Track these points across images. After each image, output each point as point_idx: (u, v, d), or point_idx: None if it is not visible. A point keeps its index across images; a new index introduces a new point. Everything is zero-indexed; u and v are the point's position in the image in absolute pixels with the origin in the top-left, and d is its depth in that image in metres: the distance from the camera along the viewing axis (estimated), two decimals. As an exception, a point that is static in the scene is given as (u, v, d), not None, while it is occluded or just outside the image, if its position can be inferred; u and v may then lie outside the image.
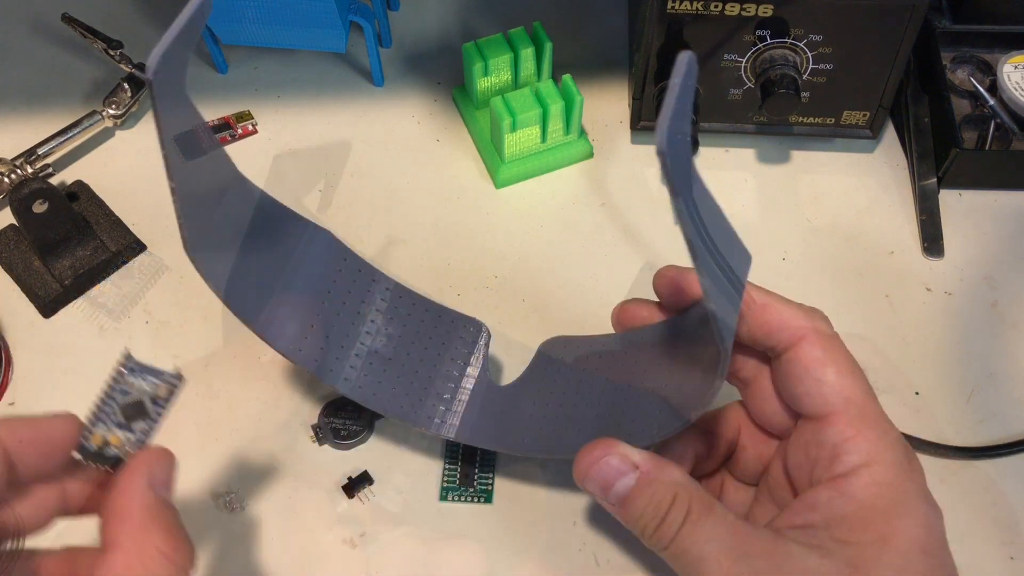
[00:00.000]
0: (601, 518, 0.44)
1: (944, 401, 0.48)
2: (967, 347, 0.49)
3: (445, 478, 0.45)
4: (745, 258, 0.35)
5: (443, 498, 0.45)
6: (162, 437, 0.47)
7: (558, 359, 0.44)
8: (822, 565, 0.33)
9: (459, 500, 0.45)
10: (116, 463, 0.34)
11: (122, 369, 0.35)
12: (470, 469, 0.45)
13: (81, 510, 0.35)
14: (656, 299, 0.41)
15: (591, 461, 0.37)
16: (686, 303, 0.39)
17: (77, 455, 0.34)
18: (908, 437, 0.46)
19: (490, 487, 0.45)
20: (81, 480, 0.35)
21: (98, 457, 0.34)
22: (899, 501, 0.34)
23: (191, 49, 0.34)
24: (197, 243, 0.36)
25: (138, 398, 0.35)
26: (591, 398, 0.41)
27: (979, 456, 0.46)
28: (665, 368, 0.39)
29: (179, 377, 0.36)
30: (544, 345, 0.45)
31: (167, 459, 0.34)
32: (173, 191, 0.34)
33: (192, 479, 0.45)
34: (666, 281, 0.40)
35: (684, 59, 0.28)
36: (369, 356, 0.43)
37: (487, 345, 0.45)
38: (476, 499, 0.45)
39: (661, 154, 0.27)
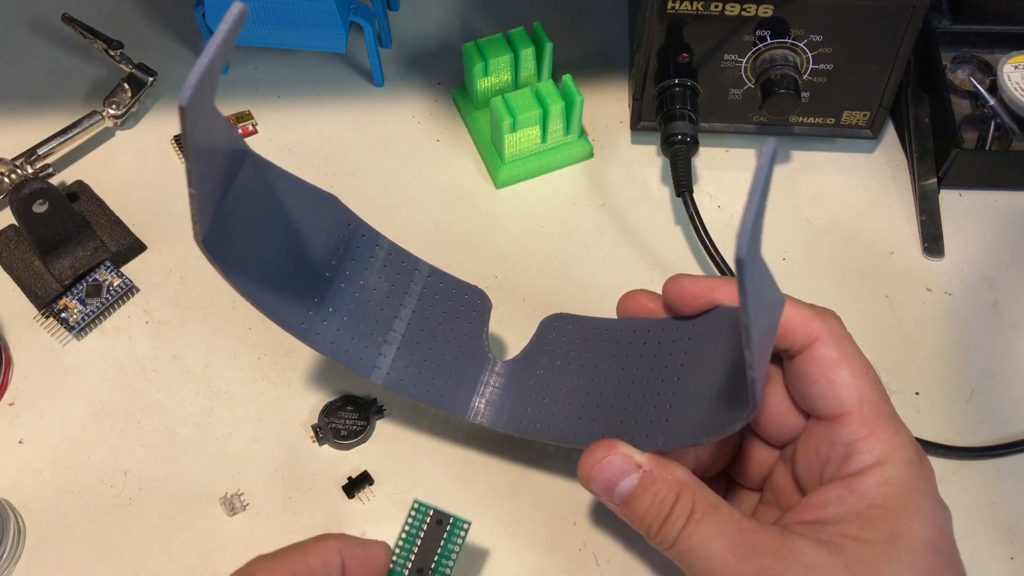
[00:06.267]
0: (601, 518, 0.44)
1: (944, 401, 0.48)
2: (967, 347, 0.49)
3: (445, 478, 0.45)
4: (779, 301, 0.35)
5: (443, 498, 0.45)
6: (162, 437, 0.47)
7: (563, 340, 0.43)
8: (831, 562, 0.33)
9: (459, 500, 0.45)
10: None
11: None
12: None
13: None
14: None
15: (594, 462, 0.37)
16: (696, 311, 0.39)
17: None
18: (908, 437, 0.46)
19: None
20: None
21: None
22: (910, 500, 0.34)
23: (221, 70, 0.32)
24: (215, 243, 0.35)
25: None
26: (601, 387, 0.41)
27: (979, 456, 0.46)
28: (676, 375, 0.39)
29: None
30: (547, 320, 0.44)
31: None
32: (192, 197, 0.32)
33: (192, 479, 0.45)
34: (677, 290, 0.39)
35: (768, 150, 0.27)
36: (403, 343, 0.43)
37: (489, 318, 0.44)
38: (476, 499, 0.45)
39: (740, 262, 0.26)
